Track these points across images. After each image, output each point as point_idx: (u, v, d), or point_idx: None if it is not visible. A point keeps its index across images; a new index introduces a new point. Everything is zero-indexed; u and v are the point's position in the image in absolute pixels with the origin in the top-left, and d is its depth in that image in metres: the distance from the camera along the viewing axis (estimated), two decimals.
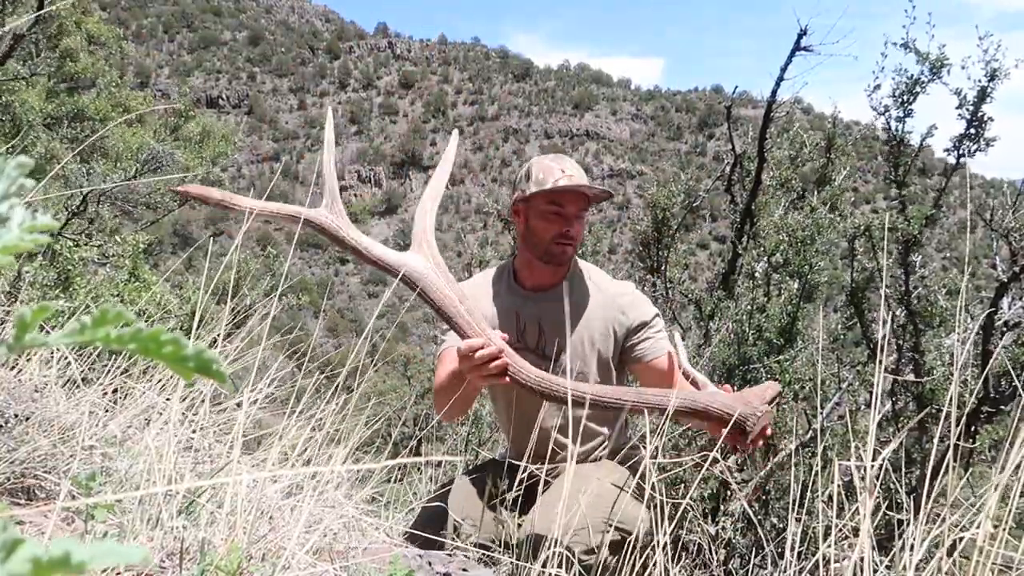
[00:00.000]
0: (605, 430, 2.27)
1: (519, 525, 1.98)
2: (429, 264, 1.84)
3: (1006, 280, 4.14)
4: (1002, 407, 4.05)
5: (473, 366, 1.78)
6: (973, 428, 4.03)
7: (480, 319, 1.84)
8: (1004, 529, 1.15)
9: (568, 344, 2.21)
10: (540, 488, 1.99)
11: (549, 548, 1.50)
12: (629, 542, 1.65)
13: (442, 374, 2.17)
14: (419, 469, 4.31)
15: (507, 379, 1.80)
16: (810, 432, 4.33)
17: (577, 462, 2.19)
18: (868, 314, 4.77)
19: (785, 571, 1.39)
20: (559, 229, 2.15)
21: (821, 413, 4.26)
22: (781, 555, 1.60)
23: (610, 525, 1.89)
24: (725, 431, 1.76)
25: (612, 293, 2.26)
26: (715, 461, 1.83)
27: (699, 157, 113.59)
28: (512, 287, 2.30)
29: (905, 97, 4.37)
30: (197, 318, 1.61)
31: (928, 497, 1.23)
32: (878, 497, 1.40)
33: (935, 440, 1.53)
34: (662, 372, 2.19)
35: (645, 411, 1.81)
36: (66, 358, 1.86)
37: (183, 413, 1.64)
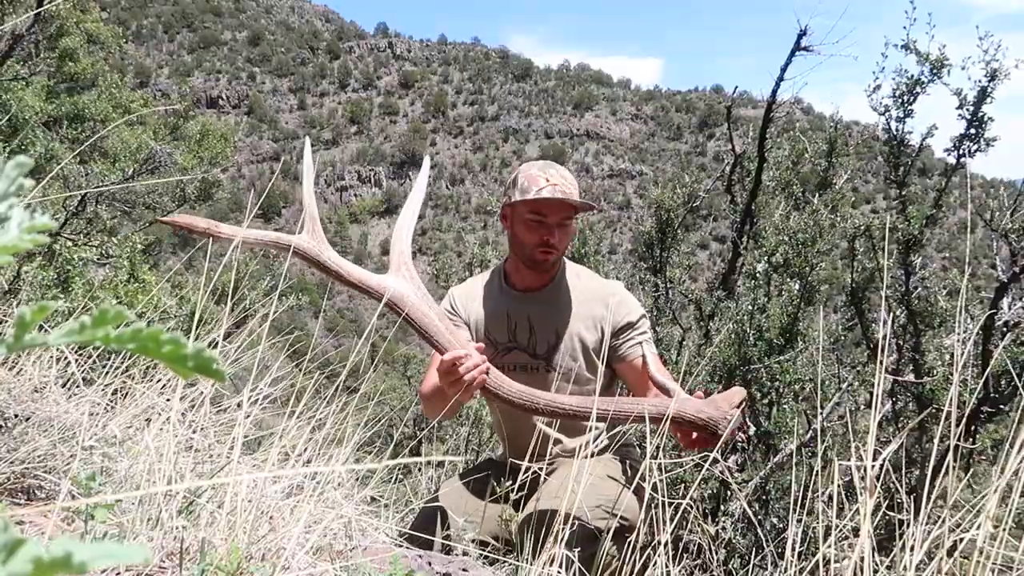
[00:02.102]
0: (598, 423, 2.28)
1: (513, 520, 1.99)
2: (409, 286, 1.90)
3: (1006, 280, 4.14)
4: (1002, 407, 4.05)
5: (452, 381, 1.84)
6: (973, 428, 4.03)
7: (461, 337, 1.89)
8: (1004, 530, 1.15)
9: (559, 342, 2.25)
10: (541, 480, 2.01)
11: (558, 529, 1.52)
12: (629, 541, 1.65)
13: (427, 382, 2.23)
14: (419, 469, 4.31)
15: (480, 391, 1.87)
16: (810, 432, 4.33)
17: (571, 456, 2.21)
18: (868, 314, 4.77)
19: (785, 571, 1.39)
20: (541, 237, 2.19)
21: (821, 413, 4.26)
22: (781, 555, 1.60)
23: (613, 515, 1.90)
24: (695, 435, 1.84)
25: (601, 293, 2.30)
26: (715, 461, 1.83)
27: (699, 157, 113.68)
28: (504, 288, 2.34)
29: (905, 97, 4.37)
30: (196, 319, 1.61)
31: (928, 497, 1.23)
32: (878, 497, 1.40)
33: (935, 440, 1.53)
34: (645, 373, 2.22)
35: (624, 419, 1.86)
36: (66, 358, 1.86)
37: (183, 413, 1.63)
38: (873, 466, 1.23)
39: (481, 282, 2.41)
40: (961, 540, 1.17)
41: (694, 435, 1.85)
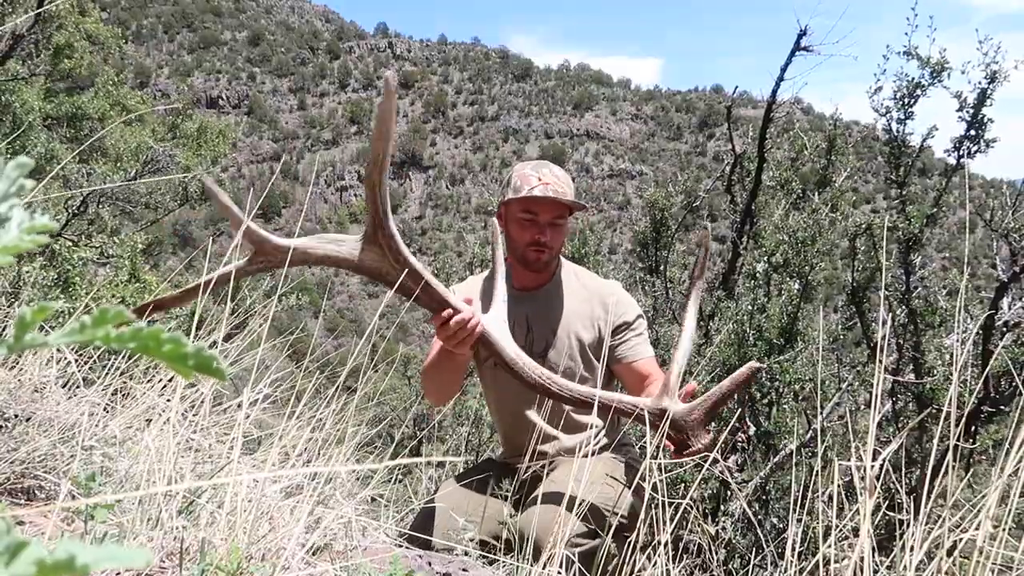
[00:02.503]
0: (596, 421, 2.28)
1: (516, 520, 2.00)
2: (386, 256, 1.73)
3: (1006, 280, 4.14)
4: (1002, 407, 4.05)
5: (449, 334, 1.84)
6: (973, 428, 4.03)
7: (449, 293, 1.88)
8: (1004, 529, 1.15)
9: (556, 341, 2.25)
10: (543, 477, 2.02)
11: (558, 527, 1.53)
12: (629, 541, 1.65)
13: (429, 355, 2.26)
14: (420, 469, 4.31)
15: (480, 342, 1.87)
16: (810, 432, 4.33)
17: (570, 455, 2.22)
18: (868, 314, 4.77)
19: (785, 571, 1.39)
20: (532, 236, 2.21)
21: (821, 413, 4.26)
22: (781, 555, 1.60)
23: (614, 513, 1.91)
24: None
25: (598, 292, 2.32)
26: (715, 461, 1.83)
27: (699, 157, 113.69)
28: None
29: (906, 100, 4.37)
30: (196, 319, 1.61)
31: (928, 497, 1.23)
32: (878, 497, 1.40)
33: (935, 440, 1.53)
34: (642, 375, 2.23)
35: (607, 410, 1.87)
36: (66, 358, 1.86)
37: (183, 414, 1.63)
38: (873, 466, 1.23)
39: (482, 280, 2.42)
40: (961, 540, 1.17)
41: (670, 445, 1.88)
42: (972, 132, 4.21)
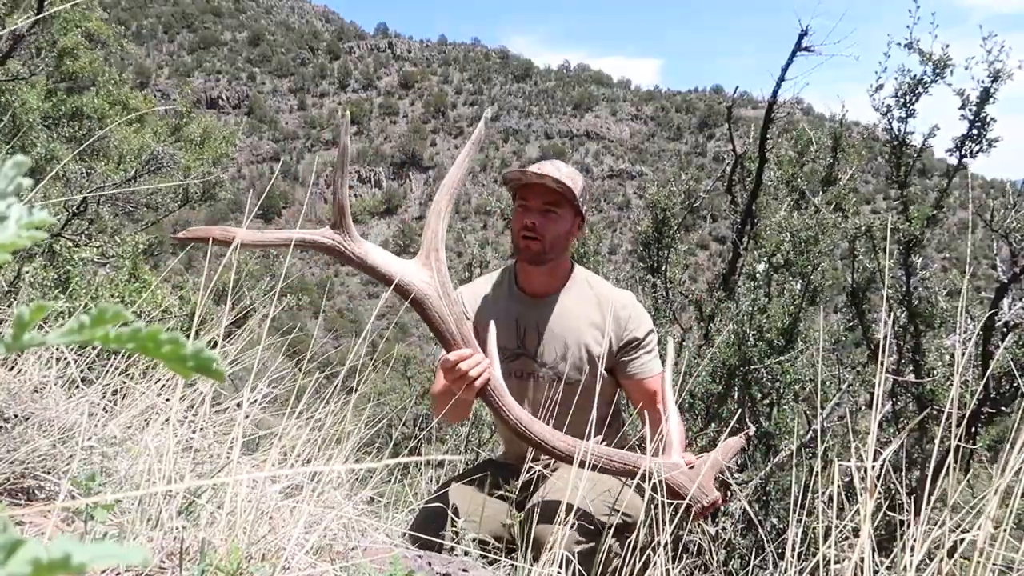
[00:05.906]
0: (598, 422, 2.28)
1: (519, 521, 1.99)
2: (433, 282, 1.82)
3: (1006, 281, 4.14)
4: (1003, 408, 4.05)
5: (455, 378, 1.82)
6: (974, 429, 4.03)
7: (470, 336, 1.87)
8: (1004, 530, 1.15)
9: (567, 352, 2.22)
10: (545, 478, 2.02)
11: (559, 527, 1.53)
12: (630, 541, 1.65)
13: (439, 381, 2.20)
14: (419, 469, 4.31)
15: (480, 395, 1.84)
16: (810, 432, 4.33)
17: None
18: (869, 315, 4.76)
19: (785, 572, 1.38)
20: (523, 222, 2.17)
21: (822, 414, 4.26)
22: (781, 556, 1.60)
23: (616, 510, 1.90)
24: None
25: (611, 304, 2.25)
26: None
27: (699, 157, 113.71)
28: (513, 292, 2.30)
29: (908, 97, 4.36)
30: (197, 319, 1.61)
31: (928, 498, 1.22)
32: (878, 498, 1.40)
33: (936, 441, 1.53)
34: (649, 392, 2.20)
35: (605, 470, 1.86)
36: (66, 358, 1.86)
37: (183, 414, 1.63)
38: (873, 467, 1.22)
39: (490, 283, 2.36)
40: (961, 541, 1.17)
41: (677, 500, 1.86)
42: (974, 131, 4.20)
